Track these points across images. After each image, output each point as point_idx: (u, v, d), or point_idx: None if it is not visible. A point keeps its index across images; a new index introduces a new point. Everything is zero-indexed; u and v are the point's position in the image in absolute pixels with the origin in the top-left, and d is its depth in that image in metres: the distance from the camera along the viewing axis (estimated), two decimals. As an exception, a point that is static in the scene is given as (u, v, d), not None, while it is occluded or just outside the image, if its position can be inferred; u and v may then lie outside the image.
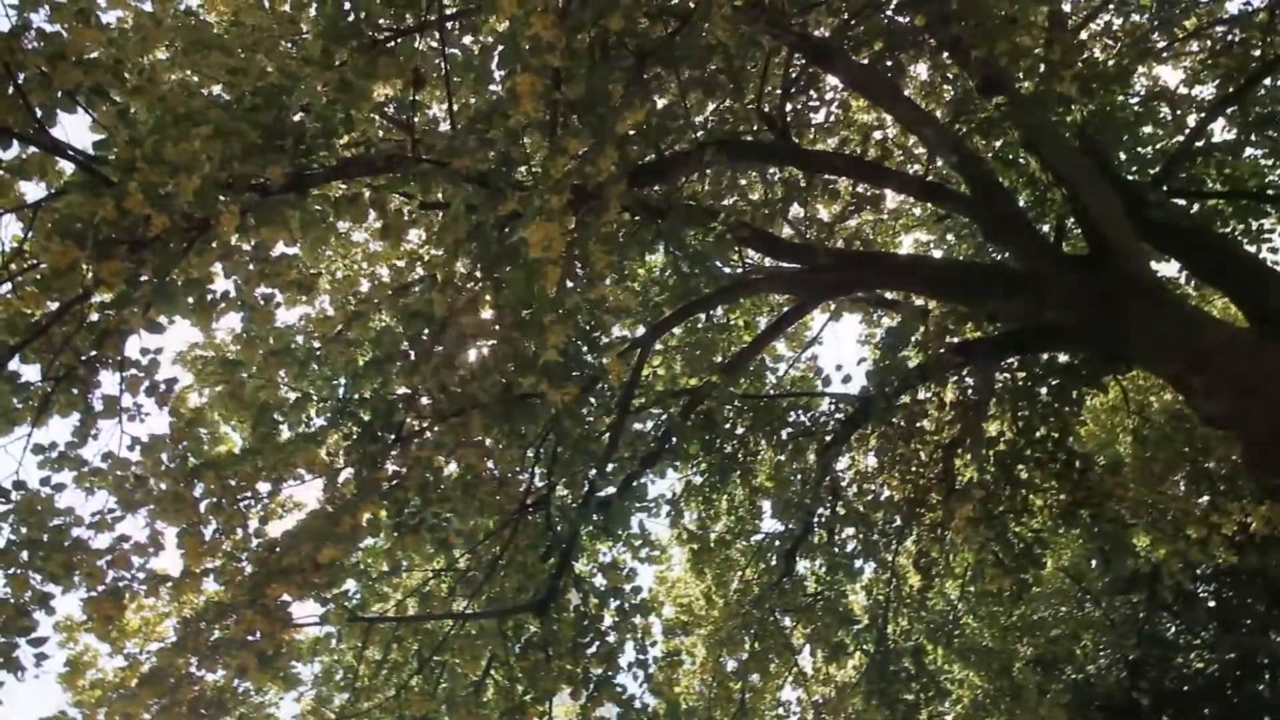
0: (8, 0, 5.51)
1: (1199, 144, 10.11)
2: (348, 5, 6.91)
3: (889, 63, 10.08)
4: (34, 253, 6.46)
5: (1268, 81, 9.91)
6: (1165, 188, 9.92)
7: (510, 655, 10.01)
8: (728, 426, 11.88)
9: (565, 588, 10.04)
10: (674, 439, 10.91)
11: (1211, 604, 15.18)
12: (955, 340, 11.28)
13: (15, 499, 6.04)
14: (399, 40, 7.82)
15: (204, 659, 6.41)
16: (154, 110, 6.01)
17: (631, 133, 7.62)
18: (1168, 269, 11.65)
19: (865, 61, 10.00)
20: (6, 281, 6.52)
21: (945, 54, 9.96)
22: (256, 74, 7.10)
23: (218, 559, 7.14)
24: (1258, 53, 9.87)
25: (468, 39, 8.48)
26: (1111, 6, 10.43)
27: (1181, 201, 10.47)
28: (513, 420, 8.43)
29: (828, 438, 11.81)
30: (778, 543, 12.40)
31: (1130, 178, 10.15)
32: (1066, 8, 10.31)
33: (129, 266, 5.88)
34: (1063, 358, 10.54)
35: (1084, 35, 10.37)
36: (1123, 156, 10.39)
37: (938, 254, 13.33)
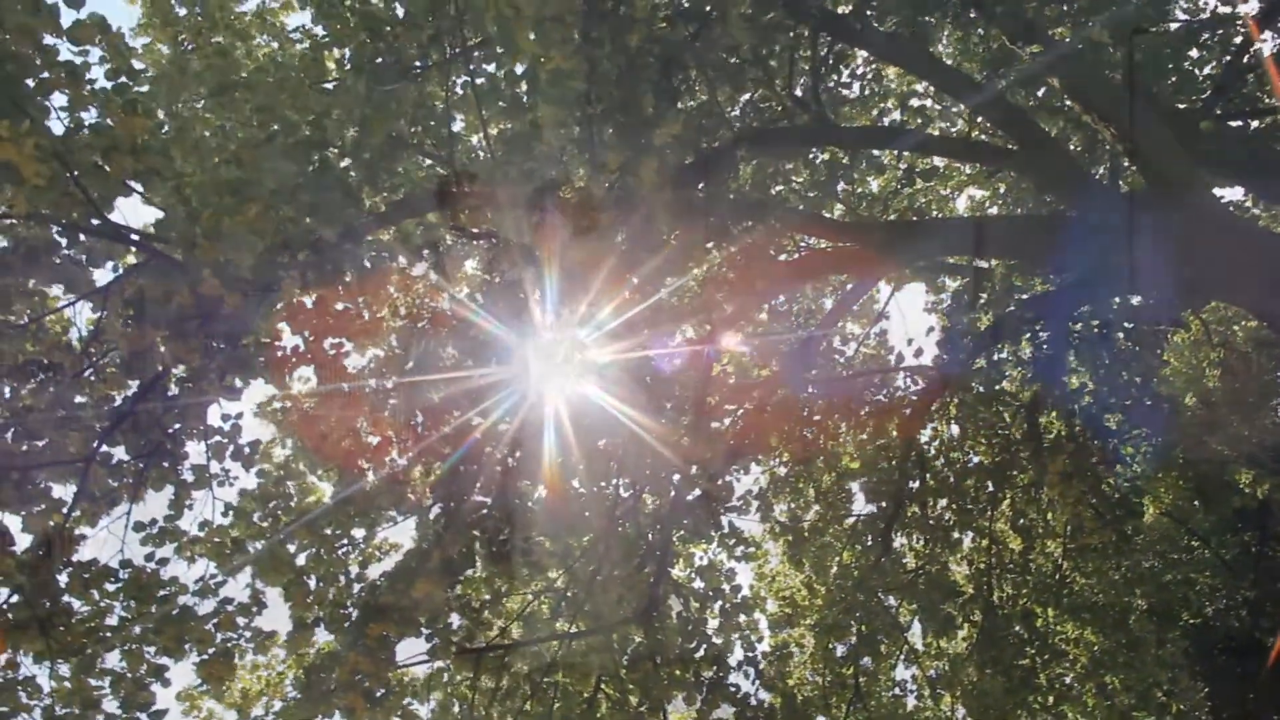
0: (58, 103, 5.74)
1: (1247, 61, 9.82)
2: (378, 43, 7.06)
3: (915, 28, 9.98)
4: (110, 336, 6.69)
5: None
6: (1218, 111, 9.65)
7: (619, 668, 10.05)
8: (805, 412, 11.80)
9: (665, 595, 10.07)
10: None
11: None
12: (1024, 296, 11.10)
13: (123, 577, 6.26)
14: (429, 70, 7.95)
15: (319, 705, 6.57)
16: (206, 187, 6.19)
17: (671, 137, 7.66)
18: (1232, 194, 11.34)
19: (892, 30, 9.91)
20: (90, 368, 6.76)
21: (972, 11, 9.83)
22: (288, 118, 7.28)
23: (324, 609, 7.33)
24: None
25: (490, 67, 8.59)
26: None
27: (1238, 123, 10.17)
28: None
29: (907, 411, 11.68)
30: (874, 523, 12.28)
31: (1181, 106, 9.89)
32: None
33: (203, 341, 6.08)
34: (1135, 300, 10.31)
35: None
36: (1170, 85, 10.13)
37: (994, 210, 13.13)
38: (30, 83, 5.26)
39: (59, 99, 5.49)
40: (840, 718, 12.55)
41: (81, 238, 6.51)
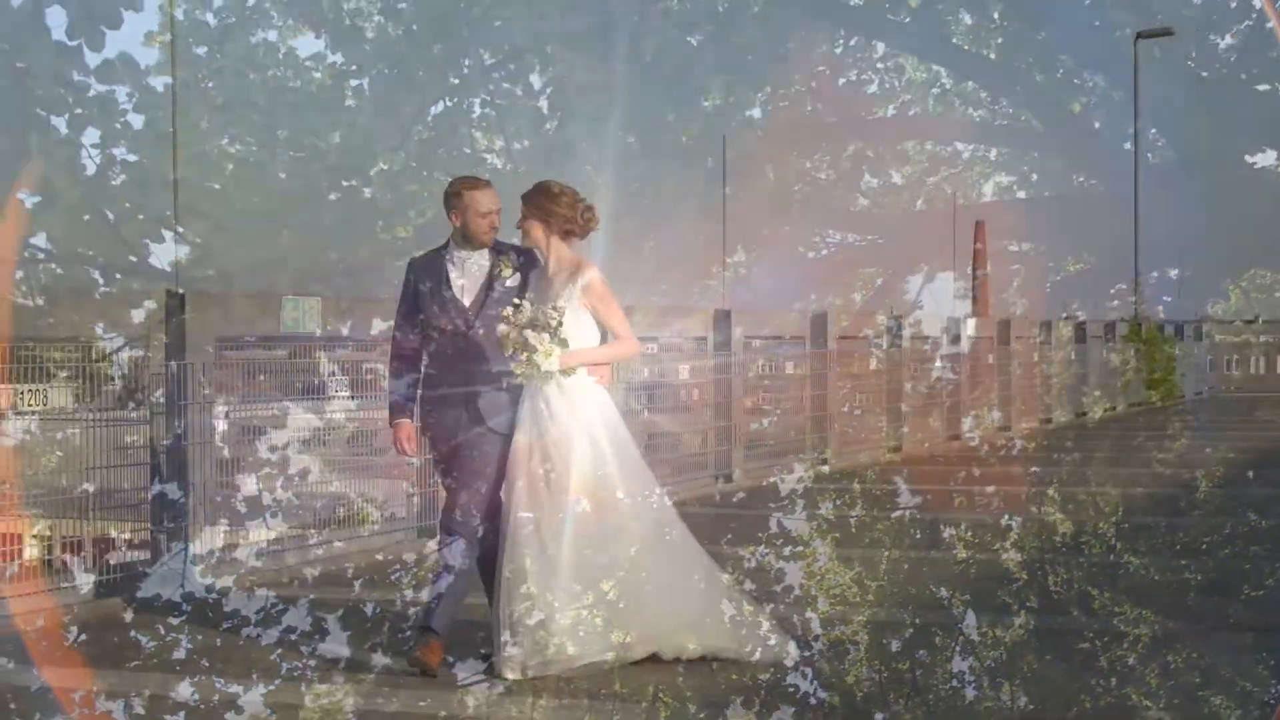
0: (90, 142, 5.81)
1: (1269, 25, 9.73)
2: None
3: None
4: (153, 372, 6.75)
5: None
6: (1244, 76, 9.55)
7: (676, 676, 10.00)
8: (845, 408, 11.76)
9: (716, 599, 10.00)
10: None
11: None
12: (1058, 277, 11.00)
13: (187, 609, 6.30)
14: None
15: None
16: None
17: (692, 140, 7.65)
18: (1264, 159, 11.21)
19: (906, 20, 9.87)
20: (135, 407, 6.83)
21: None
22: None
23: (382, 635, 7.37)
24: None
25: (507, 85, 8.62)
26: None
27: (1265, 87, 10.07)
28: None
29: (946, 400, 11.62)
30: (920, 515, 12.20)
31: (1204, 75, 9.80)
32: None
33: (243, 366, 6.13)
34: (1173, 273, 10.21)
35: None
36: (1192, 54, 10.04)
37: (1021, 194, 13.06)
38: (64, 121, 5.32)
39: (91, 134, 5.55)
40: (900, 713, 12.42)
41: (118, 276, 6.58)
